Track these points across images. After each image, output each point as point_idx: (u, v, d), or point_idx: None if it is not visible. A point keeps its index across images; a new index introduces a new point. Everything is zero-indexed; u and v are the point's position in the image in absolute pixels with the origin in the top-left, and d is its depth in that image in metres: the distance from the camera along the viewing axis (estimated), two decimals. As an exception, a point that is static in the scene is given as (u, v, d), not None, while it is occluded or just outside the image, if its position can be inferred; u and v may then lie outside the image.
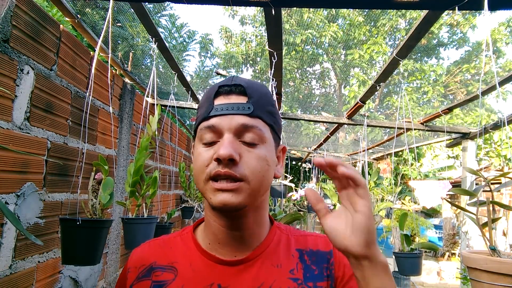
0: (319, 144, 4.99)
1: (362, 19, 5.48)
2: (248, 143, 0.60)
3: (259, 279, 0.62)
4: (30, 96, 1.25)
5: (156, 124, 1.63)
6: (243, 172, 0.57)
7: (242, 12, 9.05)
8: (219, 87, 0.62)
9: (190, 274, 0.63)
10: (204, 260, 0.65)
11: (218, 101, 0.61)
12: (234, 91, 0.62)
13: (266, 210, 0.68)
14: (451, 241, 8.12)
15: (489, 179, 1.31)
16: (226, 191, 0.57)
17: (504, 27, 8.95)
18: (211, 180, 0.58)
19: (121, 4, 1.90)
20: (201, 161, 0.60)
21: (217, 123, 0.60)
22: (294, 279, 0.63)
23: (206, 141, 0.61)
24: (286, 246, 0.68)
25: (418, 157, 8.28)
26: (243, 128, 0.59)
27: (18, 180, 1.21)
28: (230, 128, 0.59)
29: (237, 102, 0.61)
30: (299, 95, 6.95)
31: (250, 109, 0.60)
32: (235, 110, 0.60)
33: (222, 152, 0.56)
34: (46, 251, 1.38)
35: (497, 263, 1.06)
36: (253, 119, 0.60)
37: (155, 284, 0.64)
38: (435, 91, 8.19)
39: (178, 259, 0.66)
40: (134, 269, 0.68)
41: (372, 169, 5.59)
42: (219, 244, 0.64)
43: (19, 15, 1.18)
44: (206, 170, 0.58)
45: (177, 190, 3.41)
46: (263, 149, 0.61)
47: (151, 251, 0.69)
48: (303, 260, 0.66)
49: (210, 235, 0.66)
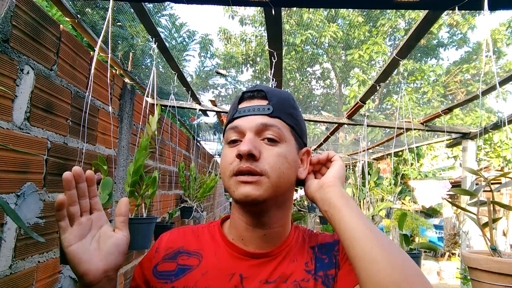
0: (319, 144, 4.98)
1: (362, 19, 5.49)
2: (268, 141, 0.64)
3: (278, 272, 0.65)
4: (30, 96, 1.25)
5: (156, 124, 1.63)
6: (263, 167, 0.62)
7: (242, 12, 9.05)
8: (243, 94, 0.70)
9: (214, 262, 0.67)
10: (229, 251, 0.68)
11: (241, 105, 0.69)
12: (256, 96, 0.68)
13: (289, 210, 0.72)
14: (452, 241, 8.12)
15: (490, 179, 1.31)
16: (248, 184, 0.61)
17: (504, 28, 8.95)
18: (234, 176, 0.63)
19: (121, 4, 1.90)
20: (226, 159, 0.65)
21: (240, 124, 0.66)
22: (308, 271, 0.66)
23: (231, 141, 0.67)
24: (302, 243, 0.72)
25: (418, 157, 8.28)
26: (263, 127, 0.65)
27: (18, 180, 1.21)
28: (251, 128, 0.65)
29: (258, 104, 0.67)
30: (299, 95, 6.95)
31: (270, 109, 0.66)
32: (256, 112, 0.66)
33: (242, 148, 0.61)
34: (46, 251, 1.38)
35: (498, 263, 1.06)
36: (273, 118, 0.66)
37: (180, 267, 0.67)
38: (435, 91, 8.20)
39: (205, 247, 0.70)
40: (162, 250, 0.71)
41: (372, 169, 5.59)
42: (243, 241, 0.68)
43: (19, 15, 1.18)
44: (230, 167, 0.64)
45: (177, 190, 3.41)
46: (283, 147, 0.65)
47: (180, 236, 0.73)
48: (315, 253, 0.71)
49: (234, 231, 0.70)
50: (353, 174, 3.99)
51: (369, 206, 2.88)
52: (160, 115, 1.77)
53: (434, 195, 3.22)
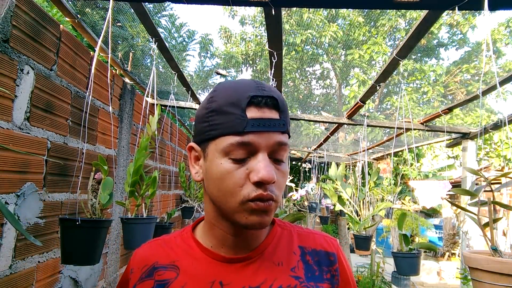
0: (319, 144, 4.98)
1: (362, 20, 5.48)
2: (277, 161, 0.59)
3: (260, 277, 0.62)
4: (30, 96, 1.25)
5: (156, 124, 1.63)
6: (276, 193, 0.57)
7: (242, 12, 9.05)
8: (251, 97, 0.56)
9: (192, 271, 0.64)
10: (206, 258, 0.65)
11: (251, 114, 0.56)
12: (268, 103, 0.57)
13: None
14: (451, 241, 8.12)
15: (490, 179, 1.31)
16: (264, 212, 0.56)
17: (504, 28, 8.96)
18: (250, 201, 0.55)
19: (121, 4, 1.89)
20: (233, 182, 0.56)
21: (254, 140, 0.55)
22: (295, 277, 0.63)
23: (237, 158, 0.56)
24: (288, 242, 0.68)
25: (418, 157, 8.28)
26: (278, 146, 0.57)
27: (18, 180, 1.21)
28: (267, 147, 0.56)
29: (272, 117, 0.57)
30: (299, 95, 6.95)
31: (285, 126, 0.58)
32: (271, 127, 0.56)
33: (267, 177, 0.54)
34: (46, 251, 1.38)
35: (498, 263, 1.06)
36: (284, 135, 0.59)
37: (158, 283, 0.64)
38: (435, 91, 8.20)
39: (180, 257, 0.66)
40: (137, 269, 0.68)
41: (372, 169, 5.59)
42: (222, 248, 0.65)
43: (19, 15, 1.18)
44: (241, 192, 0.55)
45: (177, 190, 3.41)
46: (285, 165, 0.60)
47: (152, 251, 0.69)
48: (305, 259, 0.66)
49: (213, 239, 0.65)
50: (353, 174, 3.99)
51: (369, 206, 2.88)
52: (160, 115, 1.76)
53: (435, 196, 3.22)
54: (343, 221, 5.59)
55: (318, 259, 0.66)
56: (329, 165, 4.19)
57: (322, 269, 0.65)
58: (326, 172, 4.79)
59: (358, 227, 2.72)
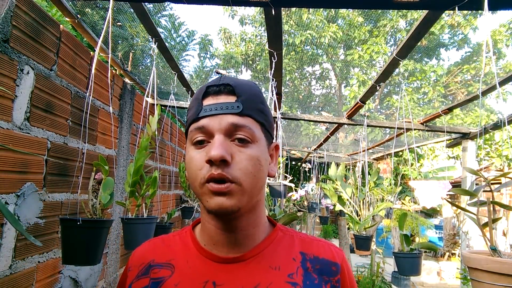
0: (319, 144, 4.98)
1: (362, 20, 5.49)
2: (239, 143, 0.59)
3: (255, 279, 0.61)
4: (30, 96, 1.25)
5: (156, 124, 1.63)
6: (235, 174, 0.57)
7: (242, 12, 9.06)
8: (207, 88, 0.61)
9: (187, 271, 0.64)
10: (200, 257, 0.65)
11: (206, 102, 0.61)
12: (222, 91, 0.61)
13: (261, 211, 0.67)
14: (452, 241, 8.12)
15: (490, 179, 1.31)
16: (221, 194, 0.56)
17: (505, 29, 8.95)
18: (207, 183, 0.57)
19: (121, 4, 1.90)
20: (194, 164, 0.59)
21: (207, 123, 0.59)
22: (292, 283, 0.61)
23: (196, 142, 0.60)
24: (288, 247, 0.67)
25: (418, 157, 8.28)
26: (233, 127, 0.58)
27: (18, 180, 1.21)
28: (220, 129, 0.58)
29: (226, 101, 0.60)
30: (299, 95, 6.95)
31: (240, 108, 0.59)
32: (224, 110, 0.59)
33: (214, 154, 0.55)
34: (46, 251, 1.38)
35: (498, 263, 1.06)
36: (243, 118, 0.60)
37: (153, 281, 0.64)
38: (435, 91, 8.20)
39: (176, 256, 0.67)
40: (135, 268, 0.68)
41: (372, 169, 5.59)
42: (214, 245, 0.64)
43: (19, 15, 1.18)
44: (200, 174, 0.58)
45: (177, 190, 3.41)
46: (254, 148, 0.60)
47: (150, 249, 0.70)
48: (305, 266, 0.64)
49: (205, 236, 0.66)
50: (353, 174, 3.99)
51: (369, 206, 2.88)
52: (160, 115, 1.77)
53: (435, 196, 3.22)
54: (343, 221, 5.59)
55: (319, 267, 0.65)
56: (329, 165, 4.19)
57: (322, 278, 0.64)
58: (326, 172, 4.79)
59: (358, 227, 2.72)
